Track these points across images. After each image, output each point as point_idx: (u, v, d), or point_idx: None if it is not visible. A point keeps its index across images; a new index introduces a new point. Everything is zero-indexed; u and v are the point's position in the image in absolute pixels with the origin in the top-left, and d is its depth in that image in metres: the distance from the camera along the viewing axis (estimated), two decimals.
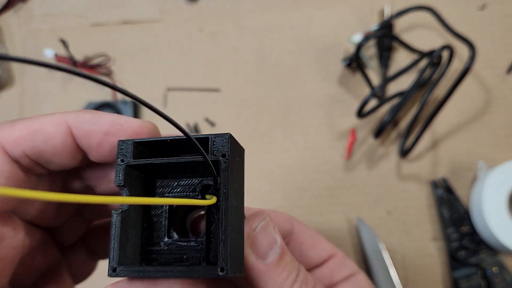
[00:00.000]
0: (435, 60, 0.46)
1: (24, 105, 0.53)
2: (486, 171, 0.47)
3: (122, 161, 0.17)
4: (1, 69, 0.52)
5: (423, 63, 0.50)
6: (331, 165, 0.50)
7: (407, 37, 0.53)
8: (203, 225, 0.19)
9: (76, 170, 0.20)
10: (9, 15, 0.56)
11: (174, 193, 0.18)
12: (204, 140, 0.18)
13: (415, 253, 0.48)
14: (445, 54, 0.45)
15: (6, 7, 0.55)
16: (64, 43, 0.50)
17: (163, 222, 0.18)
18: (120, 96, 0.53)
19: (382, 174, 0.50)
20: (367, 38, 0.44)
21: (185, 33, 0.54)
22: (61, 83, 0.53)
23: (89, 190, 0.22)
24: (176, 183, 0.18)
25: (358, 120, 0.49)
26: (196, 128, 0.52)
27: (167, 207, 0.18)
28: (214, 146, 0.18)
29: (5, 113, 0.53)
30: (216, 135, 0.18)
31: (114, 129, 0.18)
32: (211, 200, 0.17)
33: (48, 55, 0.52)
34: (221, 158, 0.17)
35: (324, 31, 0.54)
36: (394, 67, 0.52)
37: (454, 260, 0.47)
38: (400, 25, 0.53)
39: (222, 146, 0.18)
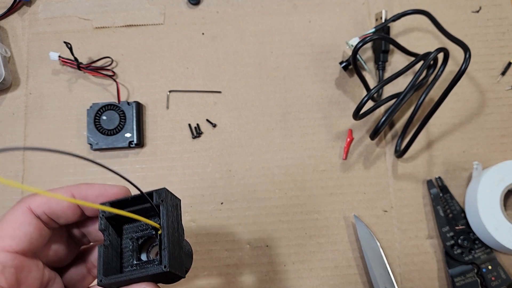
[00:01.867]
0: (430, 62, 0.46)
1: (29, 106, 0.54)
2: (481, 171, 0.48)
3: (103, 215, 0.27)
4: (7, 71, 0.53)
5: (419, 65, 0.50)
6: (329, 165, 0.51)
7: (403, 40, 0.54)
8: (157, 250, 0.28)
9: (76, 223, 0.30)
10: (13, 18, 0.56)
11: (137, 231, 0.28)
12: (150, 194, 0.27)
13: (411, 251, 0.49)
14: (440, 56, 0.46)
15: (11, 10, 0.56)
16: (68, 45, 0.51)
17: (133, 251, 0.28)
18: (123, 97, 0.53)
19: (379, 174, 0.51)
20: (364, 41, 0.45)
21: (187, 36, 0.55)
22: (66, 85, 0.54)
23: (84, 236, 0.31)
24: (138, 226, 0.29)
25: (355, 121, 0.50)
26: (197, 129, 0.52)
27: (135, 242, 0.28)
28: (156, 195, 0.27)
29: (11, 113, 0.53)
30: (156, 190, 0.27)
31: (101, 193, 0.28)
32: (157, 224, 0.27)
33: (53, 57, 0.53)
34: (160, 202, 0.27)
35: (322, 34, 0.55)
36: (390, 70, 0.53)
37: (449, 258, 0.48)
38: (396, 29, 0.54)
39: (161, 195, 0.27)
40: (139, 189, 0.26)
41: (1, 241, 0.25)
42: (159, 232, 0.27)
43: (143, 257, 0.28)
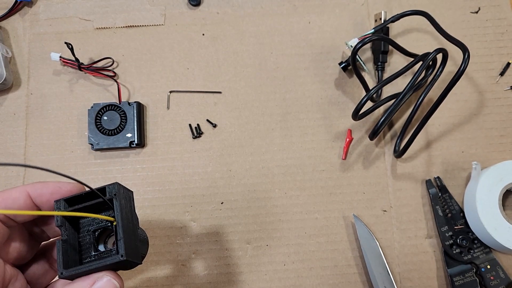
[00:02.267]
0: (429, 63, 0.47)
1: (30, 107, 0.54)
2: (480, 171, 0.48)
3: (59, 210, 0.29)
4: (8, 71, 0.53)
5: (418, 66, 0.51)
6: (328, 165, 0.51)
7: (402, 41, 0.54)
8: (113, 240, 0.30)
9: (35, 220, 0.31)
10: (14, 18, 0.56)
11: (93, 223, 0.30)
12: (103, 189, 0.29)
13: (410, 251, 0.49)
14: (439, 57, 0.46)
15: (12, 10, 0.56)
16: (69, 46, 0.51)
17: (91, 243, 0.30)
18: (124, 98, 0.54)
19: (378, 174, 0.51)
20: (363, 42, 0.45)
21: (187, 37, 0.55)
22: (66, 85, 0.54)
23: (43, 232, 0.32)
24: (93, 220, 0.30)
25: (354, 121, 0.50)
26: (198, 129, 0.53)
27: (91, 235, 0.30)
28: (109, 190, 0.29)
29: (12, 114, 0.54)
30: (109, 185, 0.29)
31: (56, 190, 0.29)
32: (111, 218, 0.29)
33: (54, 58, 0.53)
34: (113, 196, 0.28)
35: (322, 35, 0.55)
36: (389, 70, 0.53)
37: (448, 258, 0.48)
38: (395, 29, 0.54)
39: (113, 189, 0.28)
40: (88, 187, 0.27)
41: None
42: (114, 223, 0.28)
43: (101, 248, 0.30)
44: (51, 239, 0.33)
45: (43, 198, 0.28)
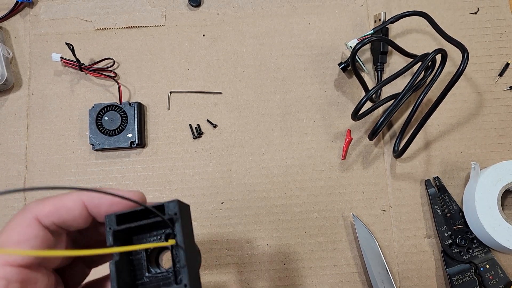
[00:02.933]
0: (428, 63, 0.47)
1: (31, 107, 0.54)
2: (479, 171, 0.48)
3: (110, 228, 0.25)
4: (9, 72, 0.53)
5: (417, 66, 0.51)
6: (328, 165, 0.52)
7: (401, 42, 0.54)
8: (168, 260, 0.26)
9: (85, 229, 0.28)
10: (15, 19, 0.57)
11: (148, 240, 0.27)
12: (161, 206, 0.25)
13: (409, 250, 0.50)
14: (439, 57, 0.47)
15: (13, 11, 0.56)
16: (70, 47, 0.51)
17: (143, 263, 0.26)
18: (124, 98, 0.54)
19: (377, 174, 0.51)
20: (362, 42, 0.45)
21: (188, 38, 0.55)
22: (67, 86, 0.55)
23: (81, 234, 0.29)
24: (148, 236, 0.27)
25: (354, 121, 0.50)
26: (198, 129, 0.53)
27: (144, 252, 0.26)
28: (168, 208, 0.25)
29: (13, 114, 0.54)
30: (168, 202, 0.25)
31: (115, 202, 0.26)
32: (171, 241, 0.25)
33: (55, 58, 0.53)
34: (174, 216, 0.25)
35: (321, 36, 0.55)
36: (388, 71, 0.54)
37: (447, 257, 0.48)
38: (395, 30, 0.55)
39: (174, 208, 0.25)
40: (145, 206, 0.25)
41: (6, 255, 0.24)
42: (172, 243, 0.25)
43: (154, 269, 0.27)
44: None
45: (101, 209, 0.26)
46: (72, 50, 0.51)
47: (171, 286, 0.24)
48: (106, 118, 0.52)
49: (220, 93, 0.54)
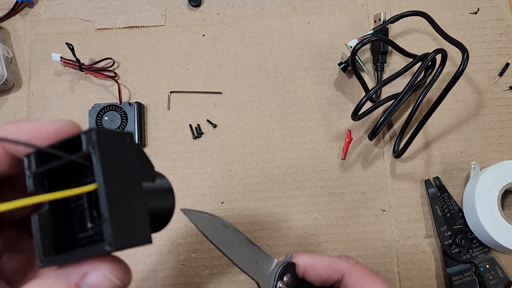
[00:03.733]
0: (428, 63, 0.47)
1: (31, 107, 0.54)
2: (479, 171, 0.48)
3: (30, 172, 0.20)
4: (9, 72, 0.53)
5: (417, 66, 0.51)
6: (328, 165, 0.52)
7: (401, 42, 0.54)
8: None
9: (8, 178, 0.23)
10: (15, 19, 0.57)
11: (86, 180, 0.21)
12: (77, 139, 0.19)
13: (409, 250, 0.50)
14: (439, 57, 0.47)
15: (13, 11, 0.56)
16: (70, 47, 0.51)
17: (85, 212, 0.20)
18: (124, 98, 0.54)
19: (377, 174, 0.51)
20: (362, 42, 0.45)
21: (188, 38, 0.55)
22: (67, 86, 0.55)
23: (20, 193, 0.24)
24: (83, 179, 0.21)
25: (354, 121, 0.50)
26: (198, 129, 0.53)
27: (86, 197, 0.21)
28: (86, 140, 0.19)
29: (13, 114, 0.54)
30: (84, 132, 0.19)
31: (34, 135, 0.20)
32: (90, 186, 0.19)
33: (55, 58, 0.53)
34: (92, 149, 0.19)
35: (321, 36, 0.55)
36: (388, 71, 0.54)
37: (447, 257, 0.48)
38: (395, 30, 0.55)
39: (90, 139, 0.19)
40: (47, 148, 0.19)
41: None
42: (94, 187, 0.19)
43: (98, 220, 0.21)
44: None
45: (19, 147, 0.21)
46: (72, 50, 0.51)
47: (92, 247, 0.19)
48: (106, 118, 0.52)
49: (220, 93, 0.54)
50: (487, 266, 0.47)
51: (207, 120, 0.53)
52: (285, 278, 0.32)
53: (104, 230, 0.18)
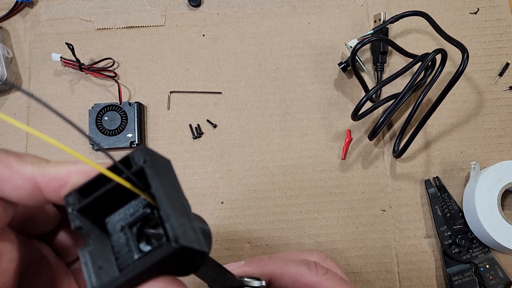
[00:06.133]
0: (428, 63, 0.47)
1: (31, 107, 0.54)
2: (479, 171, 0.48)
3: (72, 209, 0.19)
4: (9, 72, 0.53)
5: (417, 66, 0.51)
6: (328, 165, 0.52)
7: (401, 42, 0.54)
8: (159, 232, 0.20)
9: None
10: (15, 19, 0.56)
11: (127, 218, 0.20)
12: (125, 160, 0.19)
13: (409, 250, 0.50)
14: (438, 57, 0.47)
15: (13, 11, 0.56)
16: (70, 47, 0.51)
17: (130, 244, 0.20)
18: (124, 98, 0.54)
19: (377, 174, 0.51)
20: (362, 42, 0.45)
21: (188, 38, 0.55)
22: (67, 86, 0.55)
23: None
24: (126, 211, 0.20)
25: (354, 121, 0.50)
26: (198, 129, 0.53)
27: (128, 232, 0.20)
28: (135, 158, 0.19)
29: (13, 114, 0.54)
30: (133, 152, 0.19)
31: (80, 179, 0.19)
32: (147, 196, 0.19)
33: (55, 58, 0.53)
34: (143, 164, 0.19)
35: (321, 36, 0.55)
36: (388, 71, 0.53)
37: (447, 257, 0.48)
38: (394, 30, 0.55)
39: (140, 156, 0.19)
40: (111, 157, 0.18)
41: None
42: (151, 203, 0.19)
43: (146, 248, 0.20)
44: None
45: (60, 193, 0.20)
46: (72, 50, 0.51)
47: (159, 250, 0.18)
48: (106, 118, 0.52)
49: (220, 93, 0.54)
50: (487, 266, 0.47)
51: (207, 120, 0.53)
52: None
53: (168, 228, 0.18)
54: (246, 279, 0.26)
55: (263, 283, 0.27)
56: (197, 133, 0.53)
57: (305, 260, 0.29)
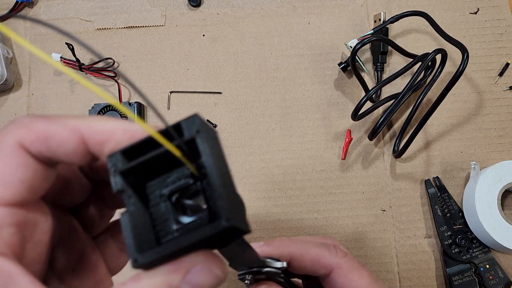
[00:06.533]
0: (428, 63, 0.47)
1: (31, 107, 0.54)
2: (479, 171, 0.48)
3: (115, 170, 0.19)
4: (9, 72, 0.53)
5: (417, 66, 0.51)
6: (328, 165, 0.52)
7: (401, 42, 0.54)
8: (197, 204, 0.20)
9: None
10: (16, 19, 0.57)
11: (168, 186, 0.20)
12: (177, 126, 0.19)
13: (409, 250, 0.50)
14: (438, 57, 0.47)
15: (13, 11, 0.56)
16: (70, 47, 0.51)
17: (169, 213, 0.19)
18: (124, 98, 0.54)
19: (377, 174, 0.51)
20: (362, 42, 0.45)
21: (188, 38, 0.55)
22: (67, 86, 0.55)
23: (94, 172, 0.23)
24: (166, 179, 0.20)
25: (354, 121, 0.50)
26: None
27: (167, 200, 0.19)
28: (187, 126, 0.19)
29: (13, 114, 0.54)
30: (185, 119, 0.19)
31: (125, 138, 0.19)
32: (192, 168, 0.18)
33: (55, 58, 0.53)
34: (196, 134, 0.18)
35: (321, 36, 0.55)
36: (388, 71, 0.53)
37: (447, 257, 0.48)
38: (394, 30, 0.55)
39: (194, 124, 0.18)
40: (164, 122, 0.18)
41: None
42: (195, 174, 0.19)
43: (185, 219, 0.19)
44: None
45: (105, 148, 0.19)
46: (72, 50, 0.52)
47: (206, 225, 0.17)
48: None
49: (220, 93, 0.54)
50: (487, 266, 0.47)
51: (207, 120, 0.53)
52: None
53: (219, 205, 0.17)
54: (267, 260, 0.26)
55: (284, 264, 0.27)
56: None
57: (324, 243, 0.30)
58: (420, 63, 0.47)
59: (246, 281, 0.26)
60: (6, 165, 0.18)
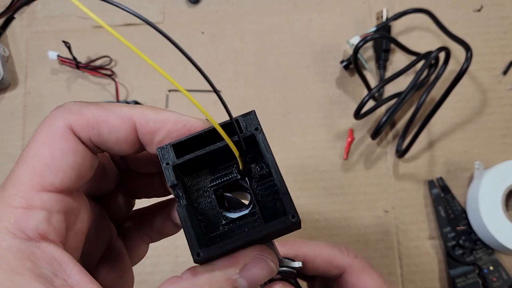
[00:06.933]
0: (432, 61, 0.46)
1: (27, 106, 0.54)
2: (482, 171, 0.48)
3: (168, 164, 0.19)
4: (5, 70, 0.53)
5: (420, 64, 0.50)
6: (330, 165, 0.51)
7: (404, 39, 0.53)
8: (238, 200, 0.20)
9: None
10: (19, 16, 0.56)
11: (214, 181, 0.20)
12: (229, 124, 0.20)
13: (412, 252, 0.49)
14: (442, 55, 0.46)
15: (9, 9, 0.56)
16: (67, 45, 0.51)
17: (214, 208, 0.20)
18: (122, 97, 0.53)
19: (380, 174, 0.51)
20: (364, 40, 0.45)
21: (187, 35, 0.55)
22: (64, 85, 0.54)
23: (123, 161, 0.23)
24: (212, 174, 0.20)
25: (356, 121, 0.50)
26: None
27: (211, 196, 0.20)
28: (247, 122, 0.20)
29: (9, 113, 0.53)
30: (243, 115, 0.20)
31: (176, 128, 0.20)
32: (241, 161, 0.19)
33: (52, 57, 0.53)
34: (255, 131, 0.19)
35: (323, 34, 0.54)
36: (391, 69, 0.53)
37: (450, 259, 0.48)
38: (397, 27, 0.54)
39: (254, 120, 0.20)
40: (229, 113, 0.19)
41: (39, 176, 0.18)
42: (240, 167, 0.19)
43: (231, 214, 0.20)
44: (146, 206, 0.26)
45: (155, 137, 0.19)
46: (69, 48, 0.51)
47: (277, 220, 0.18)
48: None
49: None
50: (491, 268, 0.47)
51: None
52: None
53: (285, 203, 0.19)
54: (285, 259, 0.27)
55: (301, 263, 0.28)
56: None
57: (336, 244, 0.31)
58: (423, 61, 0.47)
59: None
60: (55, 150, 0.18)
